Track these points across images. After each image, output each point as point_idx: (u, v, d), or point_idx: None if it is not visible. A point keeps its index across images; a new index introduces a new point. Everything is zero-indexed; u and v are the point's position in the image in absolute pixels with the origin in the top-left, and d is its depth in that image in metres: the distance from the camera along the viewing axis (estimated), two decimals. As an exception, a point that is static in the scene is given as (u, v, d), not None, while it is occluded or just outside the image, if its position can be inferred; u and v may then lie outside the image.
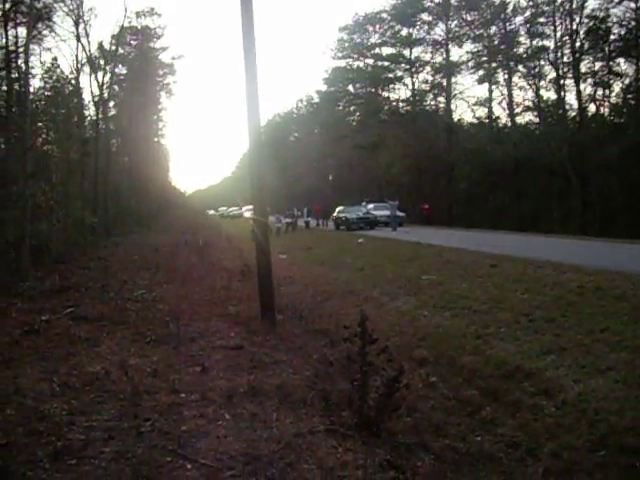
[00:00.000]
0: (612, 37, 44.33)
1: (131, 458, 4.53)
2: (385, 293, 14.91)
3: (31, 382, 6.29)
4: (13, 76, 24.36)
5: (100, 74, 37.26)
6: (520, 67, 51.43)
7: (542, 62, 49.37)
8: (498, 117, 57.39)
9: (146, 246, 24.92)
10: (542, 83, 49.74)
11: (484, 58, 56.01)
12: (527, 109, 53.04)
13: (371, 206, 41.27)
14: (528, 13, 49.41)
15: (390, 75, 64.12)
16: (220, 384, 6.43)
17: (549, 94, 51.55)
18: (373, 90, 66.36)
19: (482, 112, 58.49)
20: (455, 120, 59.61)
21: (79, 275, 15.68)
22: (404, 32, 62.10)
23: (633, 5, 42.27)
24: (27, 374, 6.61)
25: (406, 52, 62.78)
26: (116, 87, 46.52)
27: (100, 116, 35.68)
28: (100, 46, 39.82)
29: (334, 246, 27.23)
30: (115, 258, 19.27)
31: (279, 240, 31.66)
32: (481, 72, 56.59)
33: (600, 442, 5.84)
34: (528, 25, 49.64)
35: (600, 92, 46.90)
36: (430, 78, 62.17)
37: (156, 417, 5.34)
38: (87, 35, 35.14)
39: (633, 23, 42.82)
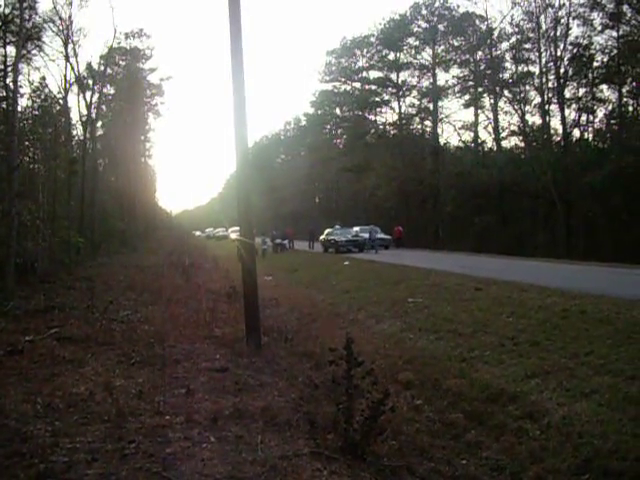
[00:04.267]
0: (595, 64, 45.15)
1: (115, 481, 4.49)
2: (371, 316, 14.93)
3: (14, 403, 6.22)
4: (1, 95, 24.35)
5: (88, 94, 37.32)
6: (506, 92, 52.00)
7: (527, 87, 50.00)
8: (484, 141, 58.00)
9: (132, 267, 24.82)
10: (527, 108, 50.30)
11: (470, 83, 56.67)
12: (512, 133, 53.60)
13: (357, 229, 41.41)
14: (514, 39, 50.08)
15: (377, 99, 64.63)
16: (205, 406, 6.40)
17: (534, 119, 52.19)
18: (360, 113, 66.78)
19: (468, 136, 59.16)
20: (441, 144, 60.05)
21: (64, 295, 15.58)
22: (391, 56, 62.69)
23: (615, 34, 43.09)
24: (10, 395, 6.54)
25: (393, 76, 63.37)
26: (104, 107, 46.51)
27: (88, 136, 35.67)
28: (89, 66, 39.89)
29: (320, 268, 27.25)
30: (101, 278, 19.15)
31: (265, 262, 31.67)
32: (467, 96, 57.26)
33: (584, 465, 5.86)
34: (513, 51, 50.26)
35: (584, 117, 47.61)
36: (417, 102, 62.82)
37: (141, 439, 5.30)
38: (76, 55, 35.30)
39: (615, 51, 43.57)
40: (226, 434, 5.60)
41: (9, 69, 24.05)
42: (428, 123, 62.41)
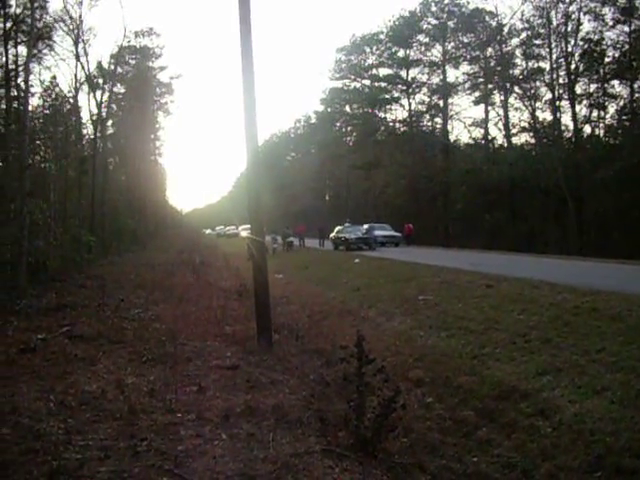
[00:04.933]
0: (606, 60, 44.83)
1: (127, 478, 4.51)
2: (381, 313, 14.92)
3: (27, 401, 6.26)
4: (12, 94, 24.50)
5: (98, 93, 37.42)
6: (516, 88, 51.77)
7: (538, 83, 49.78)
8: (494, 138, 57.75)
9: (143, 265, 24.89)
10: (538, 104, 50.06)
11: (480, 79, 56.47)
12: (523, 130, 53.31)
13: (367, 226, 41.41)
14: (524, 35, 49.87)
15: (387, 96, 64.44)
16: (217, 404, 6.42)
17: (545, 115, 51.93)
18: (370, 111, 66.64)
19: (478, 133, 58.92)
20: (452, 141, 59.92)
21: (76, 293, 15.63)
22: (401, 53, 62.56)
23: (627, 29, 42.79)
24: (23, 393, 6.58)
25: (403, 73, 63.24)
26: (114, 106, 46.70)
27: (98, 135, 35.81)
28: (99, 65, 40.09)
29: (330, 266, 27.23)
30: (112, 276, 19.19)
31: (275, 260, 31.69)
32: (477, 93, 57.08)
33: (596, 463, 5.85)
34: (524, 47, 50.03)
35: (595, 113, 47.27)
36: (427, 99, 62.63)
37: (152, 436, 5.32)
38: (86, 54, 35.43)
39: (627, 46, 43.28)
40: (238, 431, 5.62)
41: (20, 69, 24.24)
42: (438, 120, 62.29)
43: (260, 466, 4.81)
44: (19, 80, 24.68)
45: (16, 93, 24.45)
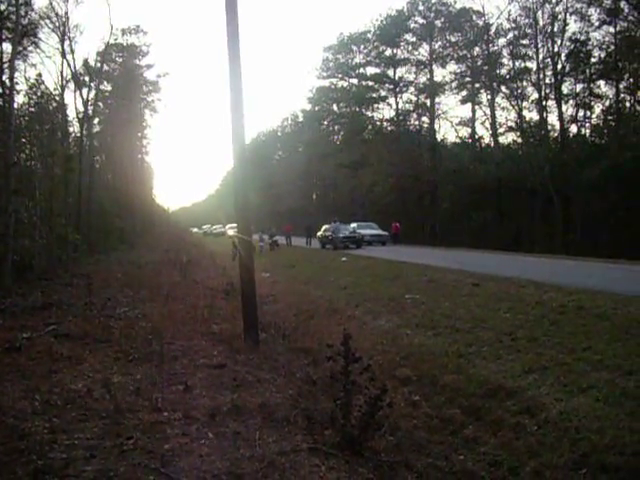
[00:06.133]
0: (593, 60, 45.29)
1: (113, 477, 4.48)
2: (368, 312, 14.93)
3: (12, 400, 6.21)
4: (-3, 91, 24.27)
5: (85, 91, 37.15)
6: (503, 88, 52.04)
7: (525, 83, 50.06)
8: (481, 137, 58.02)
9: (129, 263, 24.77)
10: (525, 104, 50.34)
11: (467, 79, 56.70)
12: (510, 129, 53.65)
13: (355, 225, 41.45)
14: (511, 35, 50.16)
15: (374, 95, 64.54)
16: (203, 402, 6.40)
17: (531, 115, 52.15)
18: (357, 109, 66.67)
19: (465, 132, 59.22)
20: (439, 140, 60.04)
21: (62, 292, 15.53)
22: (388, 52, 62.66)
23: (612, 29, 43.13)
24: (8, 392, 6.53)
25: (390, 72, 63.39)
26: (101, 104, 46.33)
27: (84, 133, 35.49)
28: (85, 63, 39.78)
29: (317, 265, 27.24)
30: (98, 275, 19.03)
31: (262, 258, 31.63)
32: (464, 92, 57.32)
33: (582, 461, 5.87)
34: (511, 47, 50.32)
35: (581, 113, 47.67)
36: (414, 98, 62.77)
37: (139, 435, 5.29)
38: (72, 52, 35.09)
39: (612, 47, 43.63)
40: (224, 430, 5.60)
41: (5, 66, 23.98)
42: (425, 119, 62.44)
43: (246, 464, 4.80)
44: (4, 77, 24.46)
45: (1, 91, 24.22)
